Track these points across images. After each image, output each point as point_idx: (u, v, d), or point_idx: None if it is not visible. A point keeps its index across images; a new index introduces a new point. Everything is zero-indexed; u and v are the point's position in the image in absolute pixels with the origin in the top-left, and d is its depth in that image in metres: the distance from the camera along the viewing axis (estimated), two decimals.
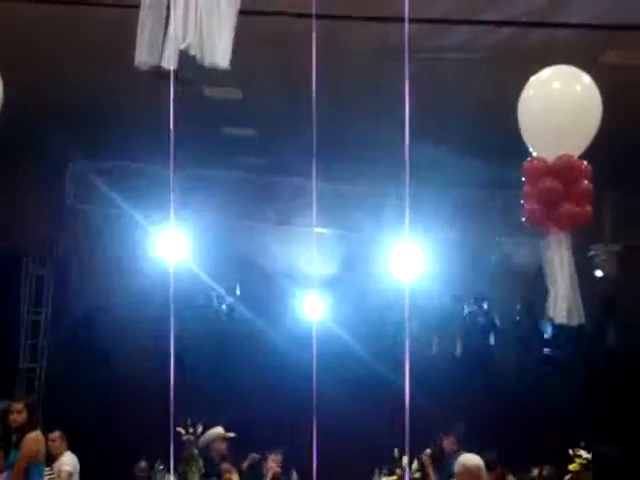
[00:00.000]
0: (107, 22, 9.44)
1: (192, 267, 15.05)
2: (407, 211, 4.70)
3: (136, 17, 3.57)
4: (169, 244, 13.55)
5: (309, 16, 6.64)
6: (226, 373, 15.96)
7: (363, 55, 10.71)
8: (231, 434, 9.57)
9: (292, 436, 13.71)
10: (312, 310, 16.47)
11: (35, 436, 6.79)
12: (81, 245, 15.33)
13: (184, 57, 3.59)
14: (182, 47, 3.52)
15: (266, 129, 13.55)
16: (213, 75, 4.65)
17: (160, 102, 13.01)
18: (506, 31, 9.71)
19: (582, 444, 9.81)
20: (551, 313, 5.14)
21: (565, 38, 9.00)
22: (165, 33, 3.51)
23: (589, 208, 5.04)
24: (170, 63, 3.57)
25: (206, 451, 9.51)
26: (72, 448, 10.12)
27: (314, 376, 8.24)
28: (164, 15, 3.54)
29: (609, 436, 11.68)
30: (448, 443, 9.47)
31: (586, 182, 5.01)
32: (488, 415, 14.28)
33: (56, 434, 9.70)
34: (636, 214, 14.04)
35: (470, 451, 7.92)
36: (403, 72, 4.92)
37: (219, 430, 9.55)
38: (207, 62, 3.59)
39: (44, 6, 9.32)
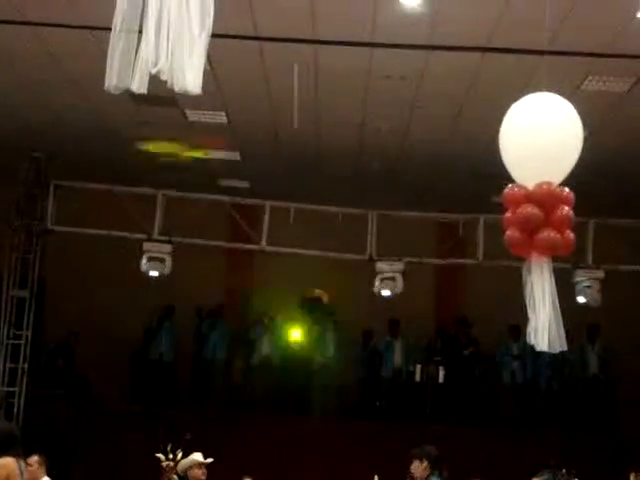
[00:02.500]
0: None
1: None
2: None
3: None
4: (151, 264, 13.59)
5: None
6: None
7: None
8: (209, 460, 9.43)
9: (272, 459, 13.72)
10: (295, 336, 16.46)
11: (3, 462, 6.62)
12: (62, 267, 15.26)
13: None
14: (153, 71, 3.49)
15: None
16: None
17: (141, 126, 13.04)
18: (489, 57, 9.76)
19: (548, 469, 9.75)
20: (532, 340, 5.09)
21: (548, 65, 9.04)
22: (136, 57, 3.48)
23: (570, 234, 5.02)
24: (140, 87, 3.53)
25: (185, 477, 9.41)
26: (51, 473, 9.98)
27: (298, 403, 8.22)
28: (135, 39, 3.52)
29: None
30: (420, 469, 9.14)
31: (566, 209, 4.99)
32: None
33: (34, 458, 9.46)
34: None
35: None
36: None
37: (197, 456, 9.42)
38: (177, 87, 3.54)
39: (21, 30, 9.32)
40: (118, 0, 3.56)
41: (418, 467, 8.94)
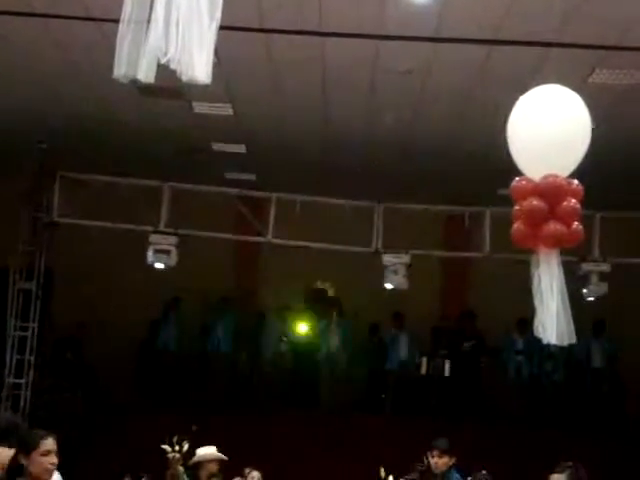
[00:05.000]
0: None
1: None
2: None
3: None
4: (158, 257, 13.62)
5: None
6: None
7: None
8: (225, 457, 9.34)
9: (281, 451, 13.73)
10: (301, 328, 16.48)
11: None
12: (68, 259, 15.29)
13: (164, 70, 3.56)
14: (163, 61, 3.49)
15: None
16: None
17: (145, 117, 13.06)
18: (497, 49, 9.74)
19: (569, 463, 9.72)
20: (540, 332, 5.07)
21: (556, 57, 9.03)
22: (144, 47, 3.48)
23: (577, 227, 5.00)
24: (148, 77, 3.53)
25: (194, 469, 9.37)
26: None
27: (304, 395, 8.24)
28: (144, 29, 3.53)
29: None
30: (443, 462, 8.82)
31: (573, 201, 4.98)
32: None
33: None
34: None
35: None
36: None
37: (213, 450, 9.31)
38: (186, 77, 3.54)
39: (28, 21, 9.32)
40: None
41: (445, 461, 8.65)
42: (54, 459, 5.57)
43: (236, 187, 14.43)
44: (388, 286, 14.02)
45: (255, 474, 10.50)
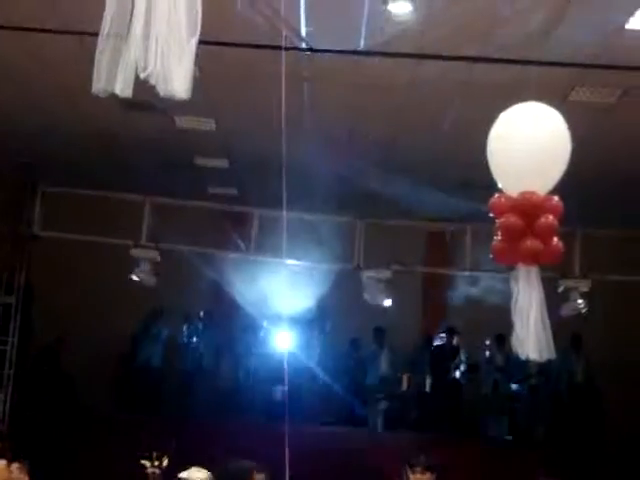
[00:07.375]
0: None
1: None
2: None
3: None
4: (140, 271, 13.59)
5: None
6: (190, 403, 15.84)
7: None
8: None
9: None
10: (282, 343, 16.43)
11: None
12: (49, 273, 15.21)
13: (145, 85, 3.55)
14: (142, 76, 3.48)
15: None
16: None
17: (131, 131, 13.01)
18: (478, 67, 9.79)
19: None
20: (518, 348, 5.09)
21: (536, 75, 9.08)
22: (122, 61, 3.47)
23: (556, 243, 5.03)
24: (125, 91, 3.52)
25: None
26: (35, 479, 9.89)
27: (286, 410, 8.25)
28: (124, 43, 3.52)
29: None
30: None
31: (551, 218, 5.01)
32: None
33: (14, 465, 9.23)
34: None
35: None
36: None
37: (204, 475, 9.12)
38: (164, 92, 3.53)
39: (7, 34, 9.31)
40: (107, 4, 3.56)
41: (428, 477, 8.63)
42: None
43: (218, 202, 14.41)
44: (369, 302, 14.02)
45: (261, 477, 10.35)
